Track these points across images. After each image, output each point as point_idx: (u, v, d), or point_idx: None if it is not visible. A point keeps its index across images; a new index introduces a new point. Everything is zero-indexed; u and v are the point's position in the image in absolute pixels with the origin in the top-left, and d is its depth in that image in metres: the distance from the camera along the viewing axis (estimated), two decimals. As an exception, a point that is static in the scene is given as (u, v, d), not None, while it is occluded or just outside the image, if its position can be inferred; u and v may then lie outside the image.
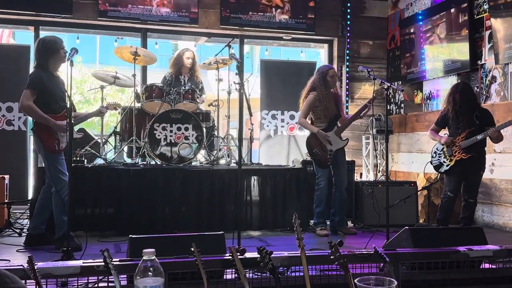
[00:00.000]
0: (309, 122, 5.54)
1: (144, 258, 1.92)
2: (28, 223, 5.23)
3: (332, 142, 5.35)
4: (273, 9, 7.71)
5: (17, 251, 4.34)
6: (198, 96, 6.13)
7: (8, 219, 5.35)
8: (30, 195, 5.80)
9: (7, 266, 3.00)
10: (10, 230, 5.19)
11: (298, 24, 7.84)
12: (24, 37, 10.72)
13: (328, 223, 5.62)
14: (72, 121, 4.12)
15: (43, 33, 7.34)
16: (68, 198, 4.03)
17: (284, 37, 8.05)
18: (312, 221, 5.65)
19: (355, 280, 2.38)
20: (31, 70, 4.64)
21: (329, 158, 5.37)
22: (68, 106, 4.11)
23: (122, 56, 6.02)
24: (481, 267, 3.52)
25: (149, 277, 1.89)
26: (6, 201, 5.37)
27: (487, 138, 5.05)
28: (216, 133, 6.27)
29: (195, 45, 8.59)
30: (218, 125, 6.33)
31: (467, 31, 6.32)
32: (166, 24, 7.46)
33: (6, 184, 5.45)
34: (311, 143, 5.45)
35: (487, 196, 6.05)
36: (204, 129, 5.83)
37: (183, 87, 5.96)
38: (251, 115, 4.59)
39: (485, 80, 6.14)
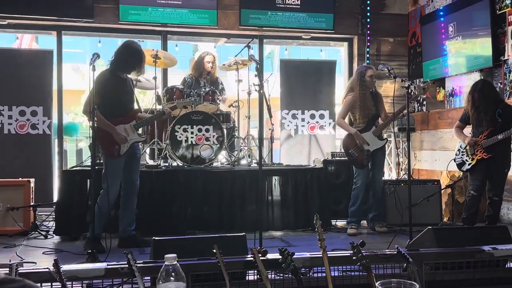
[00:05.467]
0: (348, 122, 5.55)
1: (166, 263, 1.94)
2: (54, 225, 5.34)
3: (370, 142, 5.35)
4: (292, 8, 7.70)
5: (43, 253, 4.43)
6: (219, 97, 6.16)
7: (34, 221, 5.45)
8: (55, 198, 5.89)
9: (33, 268, 3.06)
10: (36, 232, 5.29)
11: (317, 23, 7.80)
12: (46, 41, 10.88)
13: (362, 222, 5.70)
14: (136, 123, 4.61)
15: (65, 38, 7.47)
16: (93, 203, 4.08)
17: (303, 36, 8.02)
18: (333, 221, 5.72)
19: (377, 284, 2.37)
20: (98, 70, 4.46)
21: (365, 159, 5.36)
22: (135, 108, 4.59)
23: (142, 59, 6.07)
24: (506, 266, 3.46)
25: (171, 282, 1.91)
26: (32, 204, 5.47)
27: (512, 135, 4.96)
28: (236, 133, 6.29)
29: (215, 46, 8.61)
30: (238, 125, 6.34)
31: (489, 26, 6.22)
32: (186, 26, 7.51)
33: (32, 187, 5.55)
34: (347, 144, 5.46)
35: (512, 194, 5.95)
36: (225, 130, 5.85)
37: (203, 89, 5.99)
38: (271, 116, 4.58)
39: (509, 76, 6.03)
